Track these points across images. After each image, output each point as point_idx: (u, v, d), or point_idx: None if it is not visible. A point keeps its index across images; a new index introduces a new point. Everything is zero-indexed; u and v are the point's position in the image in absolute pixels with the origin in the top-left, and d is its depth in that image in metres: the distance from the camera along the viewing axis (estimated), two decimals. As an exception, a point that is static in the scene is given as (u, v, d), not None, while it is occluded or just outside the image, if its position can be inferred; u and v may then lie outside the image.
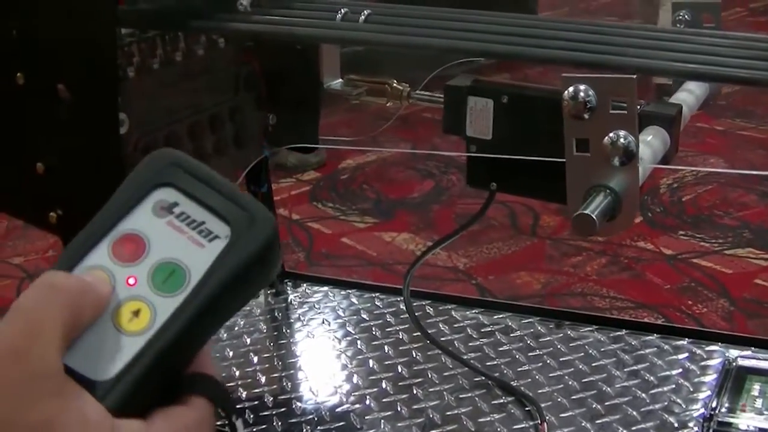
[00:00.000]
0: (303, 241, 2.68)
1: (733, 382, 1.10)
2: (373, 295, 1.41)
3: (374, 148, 3.03)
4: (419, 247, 2.62)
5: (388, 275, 2.45)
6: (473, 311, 1.34)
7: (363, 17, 0.94)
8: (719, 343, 1.22)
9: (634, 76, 0.70)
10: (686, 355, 1.21)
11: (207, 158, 1.19)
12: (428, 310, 1.36)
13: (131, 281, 0.47)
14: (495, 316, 1.33)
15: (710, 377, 1.15)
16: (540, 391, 1.16)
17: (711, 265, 2.43)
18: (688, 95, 0.97)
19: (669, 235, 2.60)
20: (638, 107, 0.76)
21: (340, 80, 1.13)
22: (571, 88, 0.72)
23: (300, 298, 1.43)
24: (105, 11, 0.93)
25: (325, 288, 1.45)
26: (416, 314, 1.27)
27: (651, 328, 1.27)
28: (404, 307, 1.30)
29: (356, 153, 3.21)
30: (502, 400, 1.15)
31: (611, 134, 0.73)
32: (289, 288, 1.45)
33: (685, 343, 1.23)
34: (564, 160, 0.80)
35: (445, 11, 0.95)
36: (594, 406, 1.13)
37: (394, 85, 1.07)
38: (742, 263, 2.45)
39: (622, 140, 0.73)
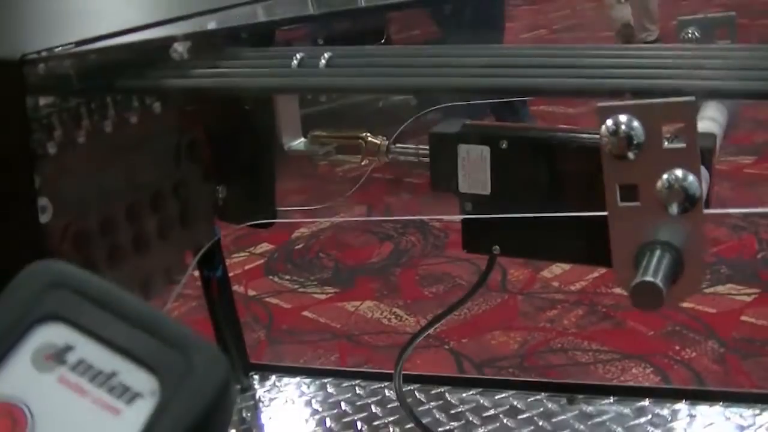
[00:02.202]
0: (262, 318, 2.53)
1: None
2: (353, 382, 1.23)
3: (345, 218, 2.92)
4: (384, 314, 2.49)
5: (357, 348, 2.32)
6: (470, 392, 1.17)
7: (324, 61, 0.78)
8: (759, 405, 1.06)
9: (693, 98, 0.55)
10: (725, 421, 1.05)
11: (150, 242, 1.02)
12: (418, 396, 1.19)
13: None
14: (496, 396, 1.17)
15: (764, 450, 0.99)
16: (565, 483, 0.99)
17: (693, 306, 2.33)
18: (712, 123, 0.83)
19: (645, 279, 2.48)
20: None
21: (303, 139, 0.97)
22: (609, 121, 0.57)
23: (270, 393, 1.25)
24: (9, 78, 0.76)
25: (297, 378, 1.27)
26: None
27: (678, 394, 1.11)
28: (390, 395, 1.14)
29: (308, 217, 3.08)
30: (522, 499, 0.98)
31: (666, 176, 0.58)
32: (256, 382, 1.28)
33: (720, 407, 1.07)
34: (591, 213, 0.65)
35: (424, 48, 0.79)
36: (632, 496, 0.96)
37: (369, 139, 0.91)
38: (725, 301, 2.35)
39: (681, 182, 0.57)
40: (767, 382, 1.96)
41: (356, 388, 1.23)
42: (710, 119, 0.84)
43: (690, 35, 0.89)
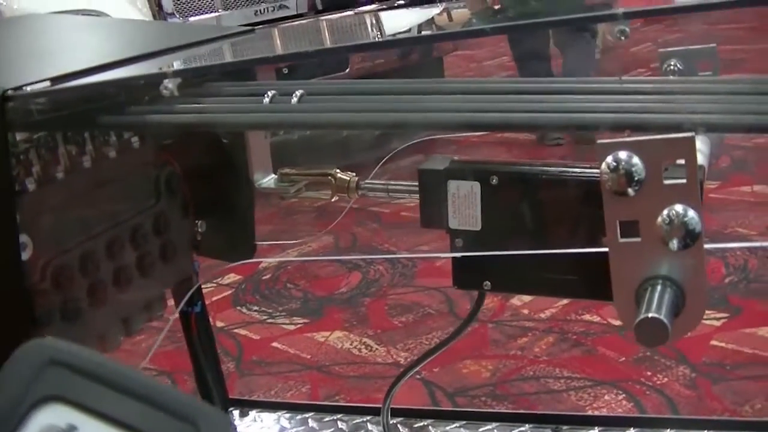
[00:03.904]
0: (231, 350, 2.50)
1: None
2: (335, 417, 1.22)
3: (331, 257, 2.90)
4: (355, 345, 2.47)
5: (328, 379, 2.30)
6: (454, 425, 1.16)
7: (296, 98, 0.77)
8: (743, 433, 1.07)
9: (693, 134, 0.55)
10: (711, 452, 1.05)
11: (130, 278, 1.00)
12: (402, 430, 1.18)
13: None
14: (480, 429, 1.16)
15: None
16: None
17: (663, 332, 2.32)
18: (698, 155, 0.83)
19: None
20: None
21: (273, 176, 0.96)
22: (609, 158, 0.57)
23: (250, 428, 1.23)
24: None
25: (278, 414, 1.26)
26: (389, 436, 1.09)
27: (662, 423, 1.11)
28: (373, 429, 1.13)
29: (275, 249, 3.06)
30: None
31: (666, 211, 0.58)
32: (235, 419, 1.26)
33: (705, 437, 1.08)
34: (586, 249, 0.65)
35: (397, 82, 0.79)
36: None
37: (339, 175, 0.90)
38: (695, 326, 2.35)
39: (682, 217, 0.57)
40: (739, 406, 1.96)
41: (338, 422, 1.22)
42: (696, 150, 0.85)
43: (672, 67, 0.89)
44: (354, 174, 0.93)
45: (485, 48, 6.41)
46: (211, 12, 3.96)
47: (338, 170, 0.94)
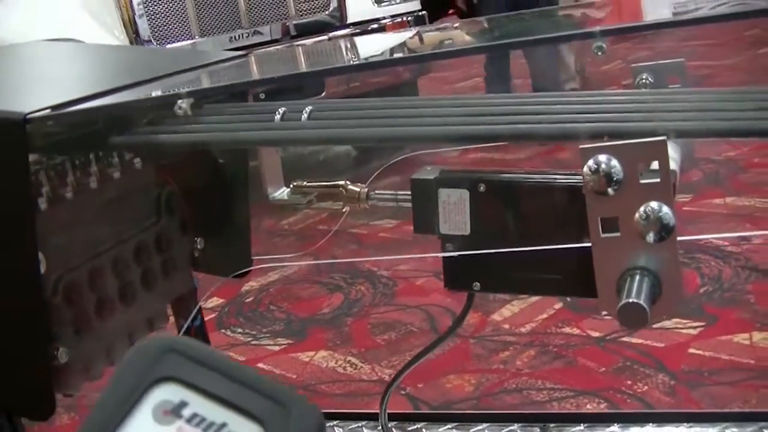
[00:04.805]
0: (218, 372, 2.52)
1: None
2: (331, 423, 1.26)
3: (331, 261, 2.92)
4: (339, 363, 2.50)
5: (314, 397, 2.33)
6: (446, 427, 1.21)
7: (305, 115, 0.83)
8: (719, 424, 1.12)
9: (665, 138, 0.62)
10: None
11: (135, 293, 1.05)
12: (397, 433, 1.23)
13: None
14: (471, 430, 1.21)
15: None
16: None
17: (642, 341, 2.38)
18: (671, 161, 0.89)
19: (592, 317, 2.54)
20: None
21: (286, 189, 1.01)
22: (590, 161, 0.63)
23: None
24: (12, 137, 0.79)
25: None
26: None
27: (645, 417, 1.17)
28: (368, 434, 1.17)
29: (258, 273, 3.10)
30: None
31: (643, 208, 0.64)
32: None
33: (685, 428, 1.13)
34: (566, 245, 0.71)
35: (400, 99, 0.85)
36: None
37: (350, 187, 0.96)
38: (672, 335, 2.40)
39: (657, 213, 0.63)
40: (718, 410, 2.01)
41: (335, 428, 1.26)
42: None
43: (644, 80, 0.95)
44: (364, 185, 0.98)
45: (458, 69, 6.49)
46: (188, 39, 3.98)
47: (348, 182, 0.99)
